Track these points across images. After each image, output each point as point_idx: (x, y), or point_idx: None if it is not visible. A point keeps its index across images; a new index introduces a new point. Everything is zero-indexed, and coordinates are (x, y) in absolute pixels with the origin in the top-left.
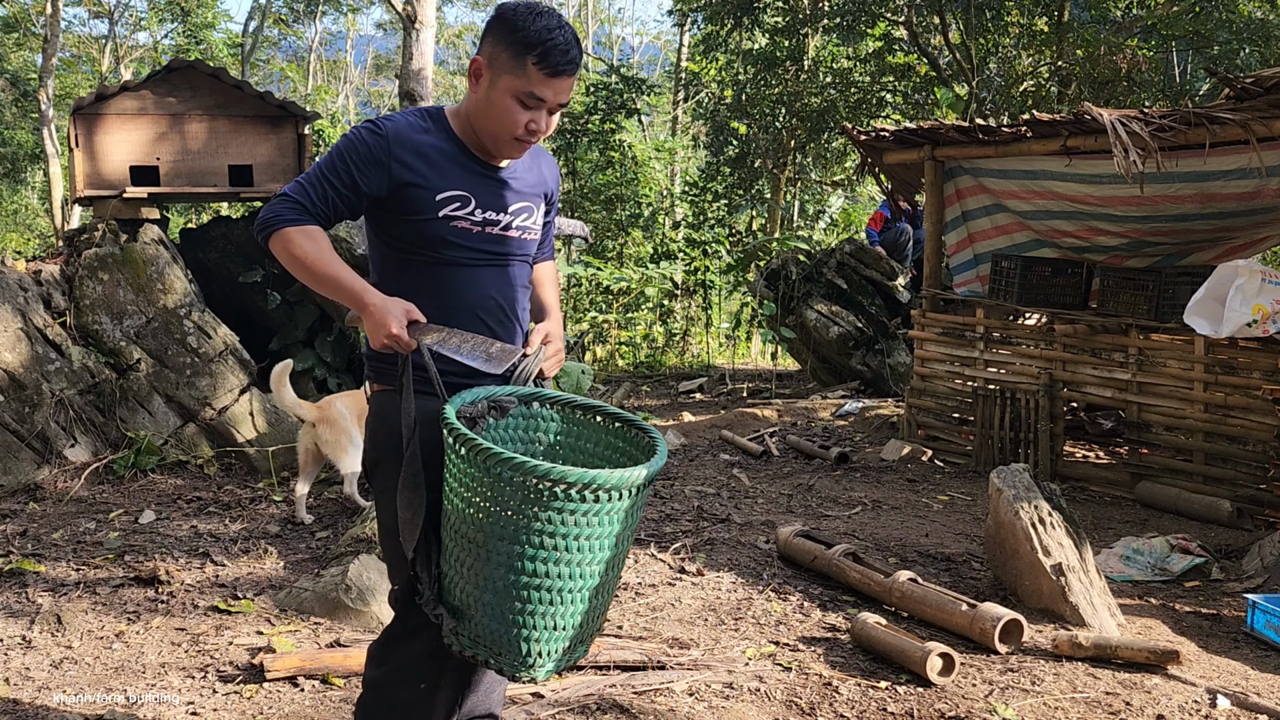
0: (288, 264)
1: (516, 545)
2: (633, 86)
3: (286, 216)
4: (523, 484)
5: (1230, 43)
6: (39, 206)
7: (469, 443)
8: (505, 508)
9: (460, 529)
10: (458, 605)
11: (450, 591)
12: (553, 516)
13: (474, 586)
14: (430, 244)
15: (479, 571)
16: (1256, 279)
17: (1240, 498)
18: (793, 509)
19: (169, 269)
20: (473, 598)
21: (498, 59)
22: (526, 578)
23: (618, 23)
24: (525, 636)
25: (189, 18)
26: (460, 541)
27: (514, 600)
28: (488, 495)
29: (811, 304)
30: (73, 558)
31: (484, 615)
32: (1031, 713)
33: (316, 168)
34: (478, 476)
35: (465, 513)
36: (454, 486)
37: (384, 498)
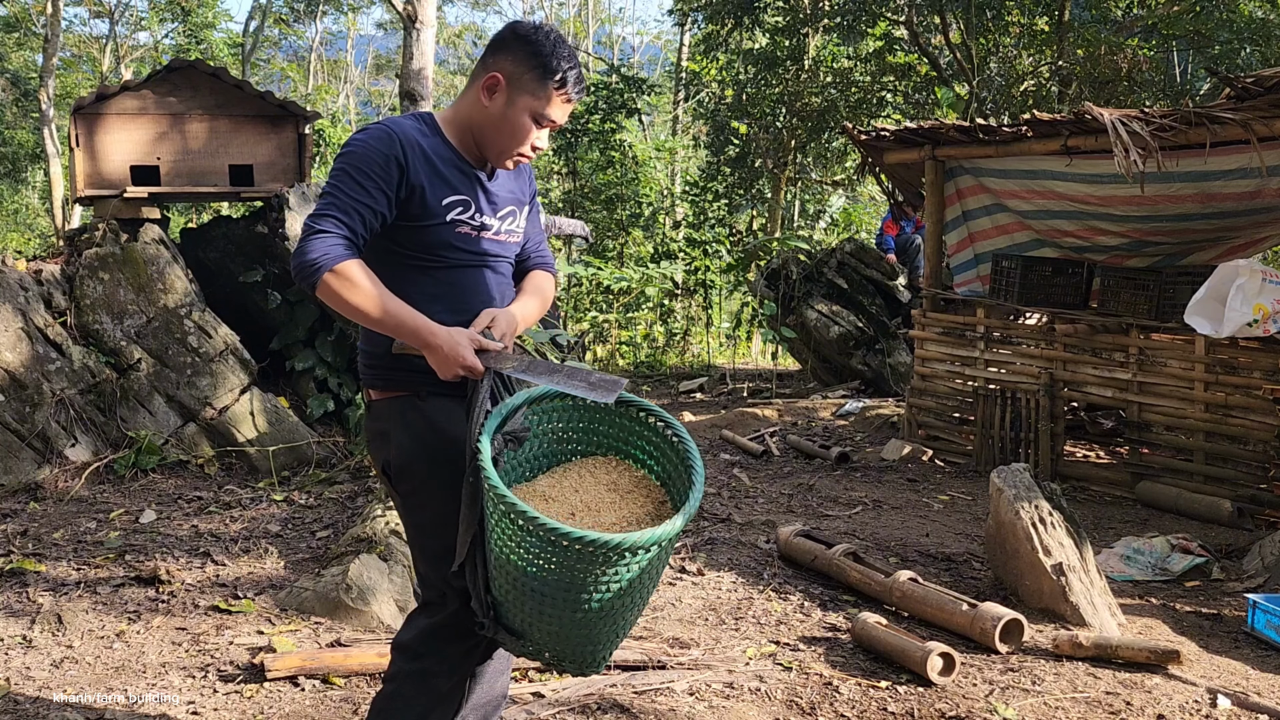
0: (341, 308)
1: (583, 593)
2: (633, 86)
3: (333, 255)
4: (590, 554)
5: (1231, 42)
6: (40, 206)
7: (530, 518)
8: (569, 570)
9: (518, 578)
10: (518, 628)
11: (509, 617)
12: (618, 571)
13: (535, 617)
14: (434, 248)
15: (541, 610)
16: (1257, 279)
17: (1241, 497)
18: (793, 509)
19: (169, 268)
20: (535, 625)
21: (520, 78)
22: (587, 614)
23: (618, 22)
24: (591, 650)
25: (189, 17)
26: (517, 586)
27: (578, 628)
28: (551, 559)
29: (812, 304)
30: (73, 557)
31: (549, 638)
32: (1032, 712)
33: (342, 190)
34: (539, 545)
35: (523, 569)
36: (511, 546)
37: (413, 500)
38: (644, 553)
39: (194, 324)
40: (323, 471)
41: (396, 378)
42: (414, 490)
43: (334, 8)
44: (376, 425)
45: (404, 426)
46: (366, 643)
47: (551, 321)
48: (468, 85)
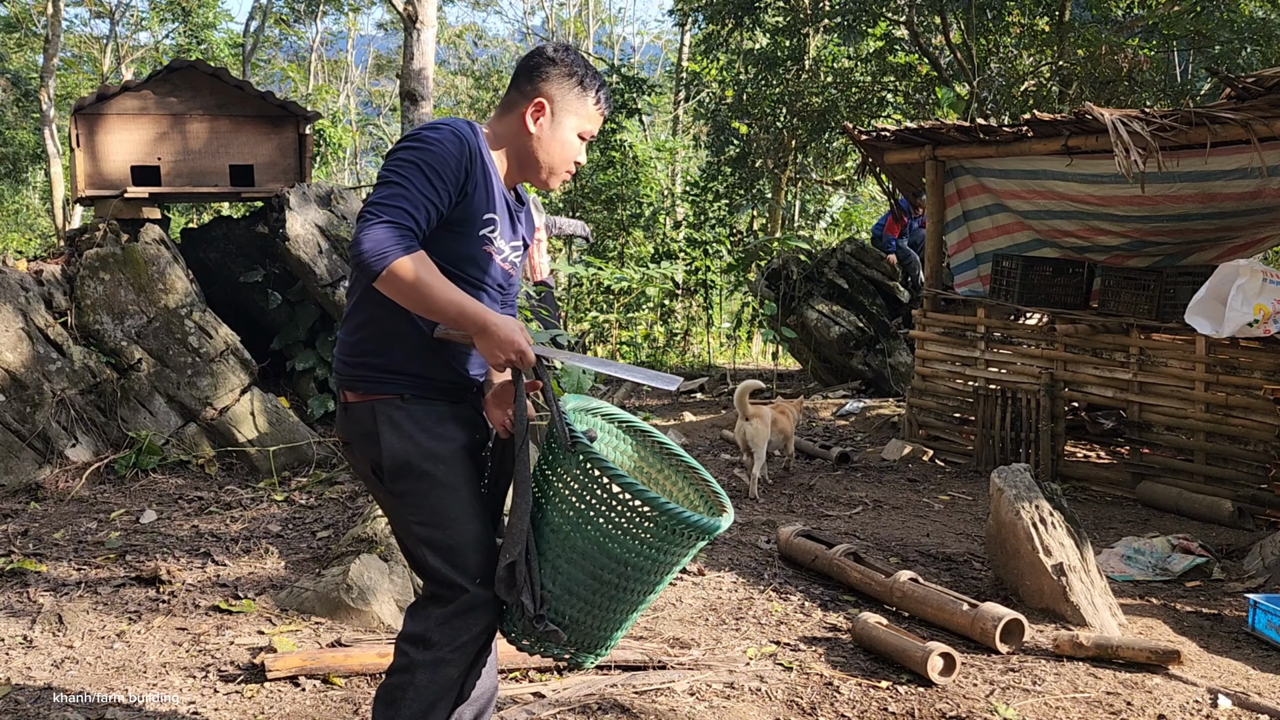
0: (403, 296)
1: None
2: (634, 86)
3: (401, 245)
4: (681, 531)
5: (1231, 42)
6: (40, 206)
7: (660, 505)
8: (665, 553)
9: (597, 561)
10: (565, 621)
11: (559, 610)
12: (687, 553)
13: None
14: (457, 261)
15: (605, 595)
16: (1258, 279)
17: (1241, 497)
18: (794, 509)
19: (170, 269)
20: (585, 614)
21: (564, 98)
22: (642, 598)
23: (619, 22)
24: (615, 637)
25: (190, 18)
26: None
27: (625, 613)
28: (655, 545)
29: (812, 304)
30: (74, 557)
31: (595, 627)
32: (1033, 712)
33: (413, 184)
34: (646, 527)
35: (622, 555)
36: (612, 534)
37: (413, 499)
38: (698, 540)
39: (194, 324)
40: (323, 472)
41: (381, 379)
42: (411, 490)
43: (334, 8)
44: (357, 428)
45: (392, 428)
46: (367, 643)
47: (552, 322)
48: (504, 113)
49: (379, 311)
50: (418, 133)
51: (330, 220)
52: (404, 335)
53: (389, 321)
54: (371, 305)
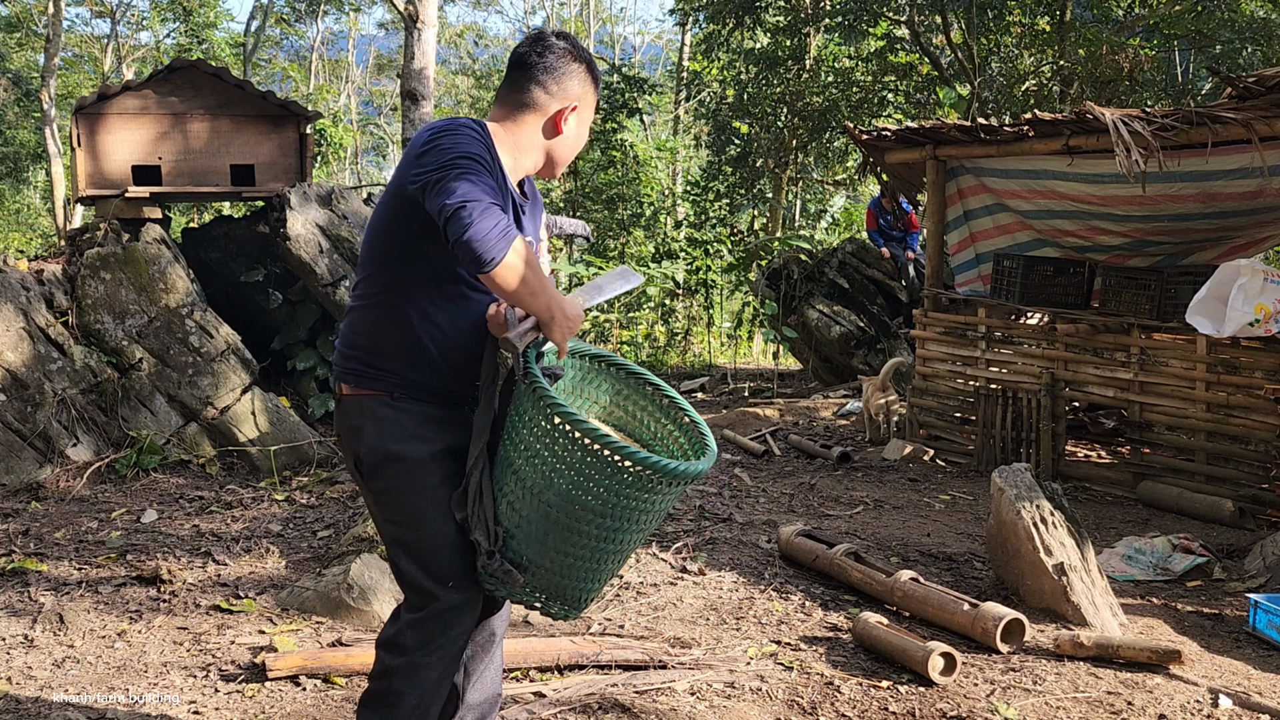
0: (506, 285)
1: (614, 521)
2: (634, 86)
3: (510, 235)
4: (637, 473)
5: (1232, 42)
6: (41, 206)
7: (594, 433)
8: (617, 494)
9: (556, 505)
10: (523, 562)
11: (515, 550)
12: (647, 497)
13: (554, 551)
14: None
15: (558, 537)
16: (1259, 278)
17: (1242, 497)
18: (794, 508)
19: (171, 268)
20: (545, 557)
21: (587, 97)
22: (612, 546)
23: (619, 22)
24: (586, 588)
25: (191, 17)
26: (549, 514)
27: (591, 562)
28: (602, 483)
29: (813, 303)
30: (75, 557)
31: (556, 573)
32: (1033, 712)
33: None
34: (598, 468)
35: (570, 493)
36: (553, 466)
37: (387, 497)
38: (677, 486)
39: (195, 324)
40: (324, 471)
41: (374, 375)
42: (387, 488)
43: (335, 7)
44: (346, 420)
45: (376, 424)
46: (368, 642)
47: None
48: (520, 110)
49: (384, 312)
50: (447, 130)
51: (331, 220)
52: (405, 340)
53: (393, 324)
54: (378, 305)
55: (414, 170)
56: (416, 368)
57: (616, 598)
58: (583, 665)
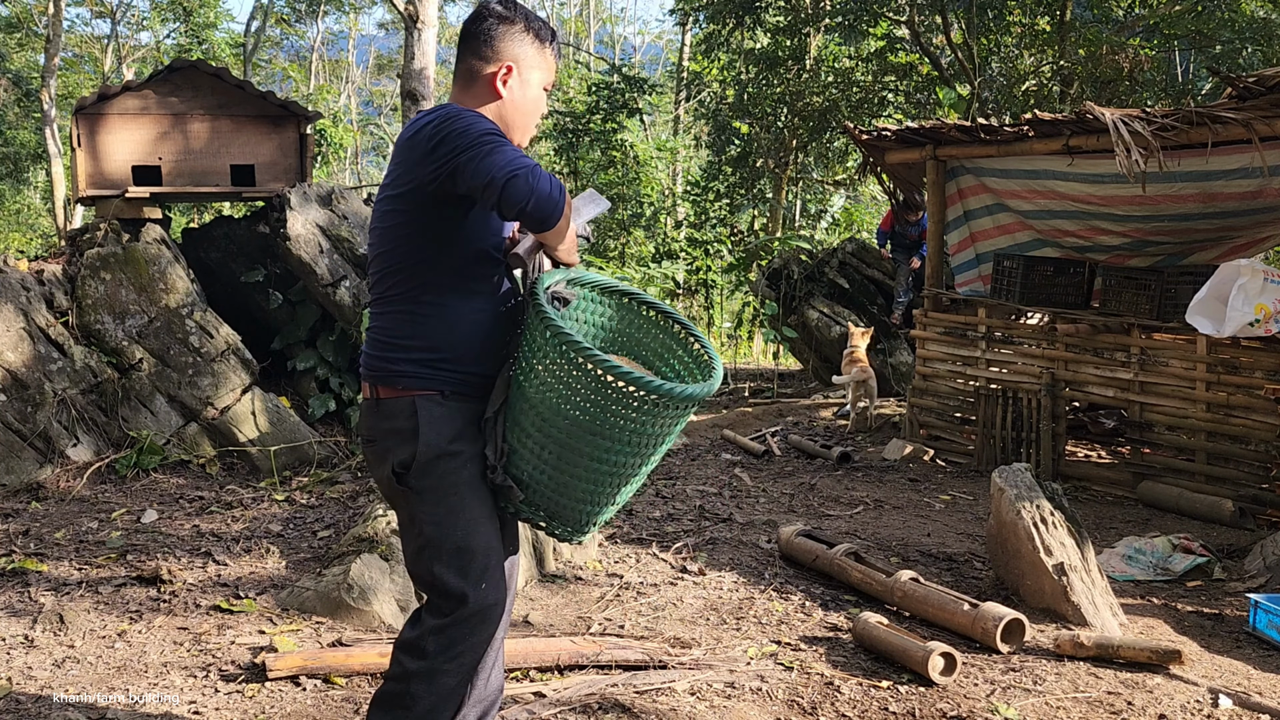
0: (568, 229)
1: (605, 440)
2: (634, 86)
3: (560, 186)
4: (632, 394)
5: (1232, 42)
6: (41, 206)
7: (587, 353)
8: (607, 411)
9: (547, 420)
10: (524, 479)
11: (520, 466)
12: (646, 420)
13: (548, 467)
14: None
15: (560, 456)
16: (1259, 278)
17: (1242, 497)
18: (794, 508)
19: (171, 268)
20: (546, 475)
21: (527, 56)
22: (606, 467)
23: (619, 22)
24: (588, 512)
25: (191, 17)
26: (544, 428)
27: (587, 483)
28: (590, 399)
29: (813, 303)
30: (75, 557)
31: (554, 491)
32: (1033, 712)
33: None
34: (585, 382)
35: (559, 407)
36: (551, 384)
37: (432, 495)
38: (673, 411)
39: (195, 324)
40: (324, 471)
41: (424, 374)
42: (435, 486)
43: (335, 8)
44: (389, 424)
45: (430, 423)
46: (368, 642)
47: None
48: (468, 83)
49: (431, 309)
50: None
51: (331, 220)
52: (460, 332)
53: (443, 319)
54: (420, 303)
55: (433, 163)
56: (478, 359)
57: (617, 598)
58: (583, 665)
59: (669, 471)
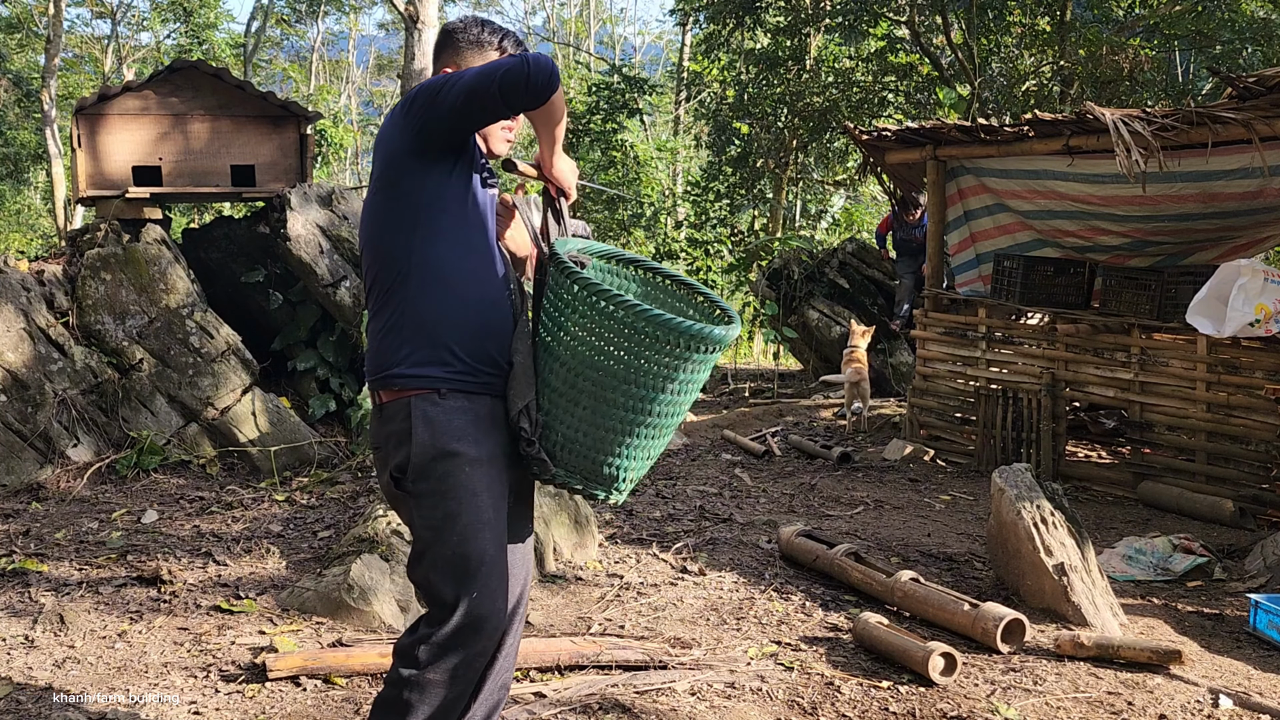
0: (561, 100)
1: (639, 389)
2: (634, 86)
3: (548, 57)
4: (664, 338)
5: (1233, 42)
6: (42, 207)
7: (619, 300)
8: (639, 357)
9: (582, 374)
10: (559, 441)
11: (552, 429)
12: (677, 364)
13: (585, 424)
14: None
15: (595, 411)
16: (1259, 278)
17: (1243, 497)
18: (795, 509)
19: (171, 269)
20: (581, 433)
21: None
22: (641, 416)
23: (620, 22)
24: (623, 466)
25: (191, 18)
26: (577, 384)
27: (622, 435)
28: (624, 346)
29: (813, 303)
30: (75, 557)
31: (590, 449)
32: (1034, 712)
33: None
34: (618, 330)
35: (593, 360)
36: (584, 339)
37: (430, 499)
38: (701, 354)
39: (196, 324)
40: (324, 471)
41: (416, 374)
42: (432, 490)
43: (336, 8)
44: (389, 427)
45: (426, 423)
46: (368, 643)
47: None
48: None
49: (413, 301)
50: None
51: (331, 220)
52: (451, 320)
53: (424, 308)
54: (403, 298)
55: (409, 123)
56: (465, 342)
57: (617, 598)
58: (583, 665)
59: (669, 472)
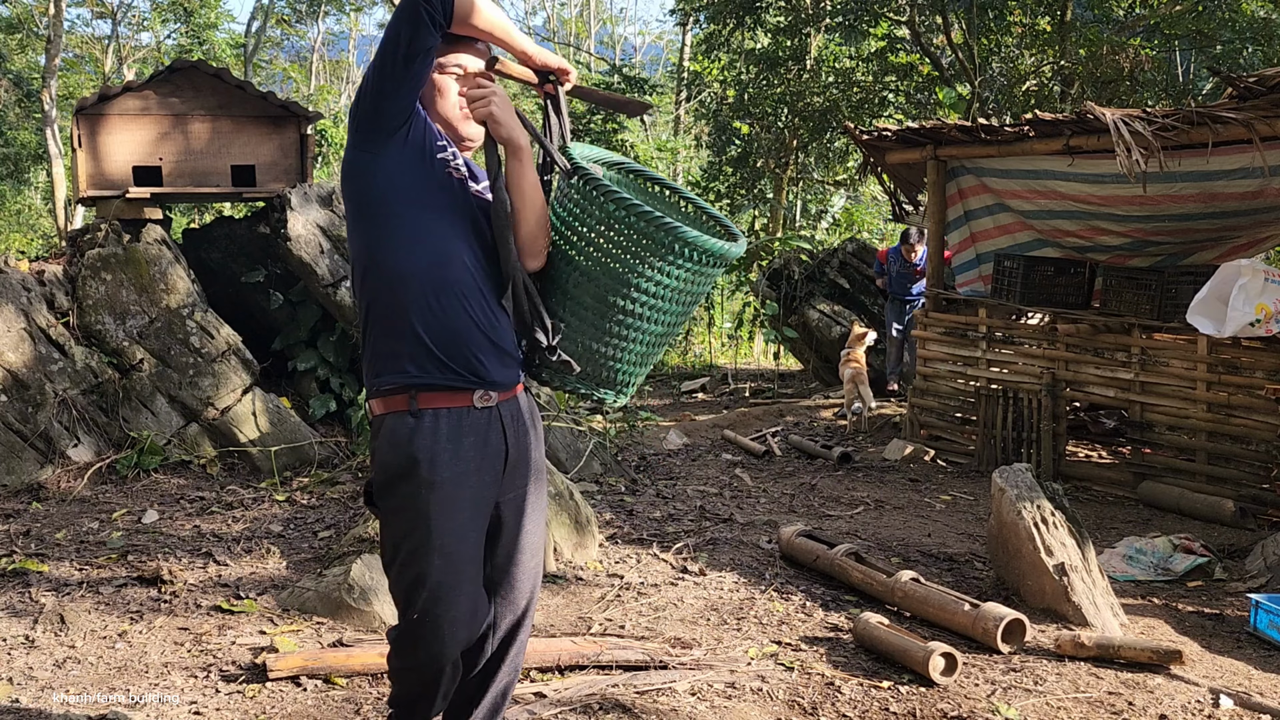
0: (485, 6)
1: (642, 294)
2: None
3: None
4: (687, 252)
5: (1233, 42)
6: (42, 207)
7: (636, 209)
8: (645, 263)
9: (608, 286)
10: (579, 351)
11: (571, 340)
12: (695, 277)
13: (613, 335)
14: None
15: (600, 315)
16: (1260, 278)
17: (1243, 497)
18: (795, 509)
19: (172, 269)
20: (602, 343)
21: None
22: (655, 325)
23: (620, 22)
24: (635, 373)
25: (192, 18)
26: (603, 296)
27: (640, 345)
28: (636, 253)
29: (814, 304)
30: (76, 557)
31: (609, 359)
32: (1034, 712)
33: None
34: (631, 235)
35: (618, 272)
36: (609, 250)
37: (387, 516)
38: (715, 268)
39: (196, 324)
40: (325, 471)
41: (391, 381)
42: (393, 507)
43: (336, 8)
44: (372, 443)
45: (391, 443)
46: (369, 643)
47: None
48: None
49: (379, 296)
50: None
51: (332, 220)
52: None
53: (393, 307)
54: (371, 292)
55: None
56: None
57: (617, 598)
58: (583, 665)
59: (669, 472)
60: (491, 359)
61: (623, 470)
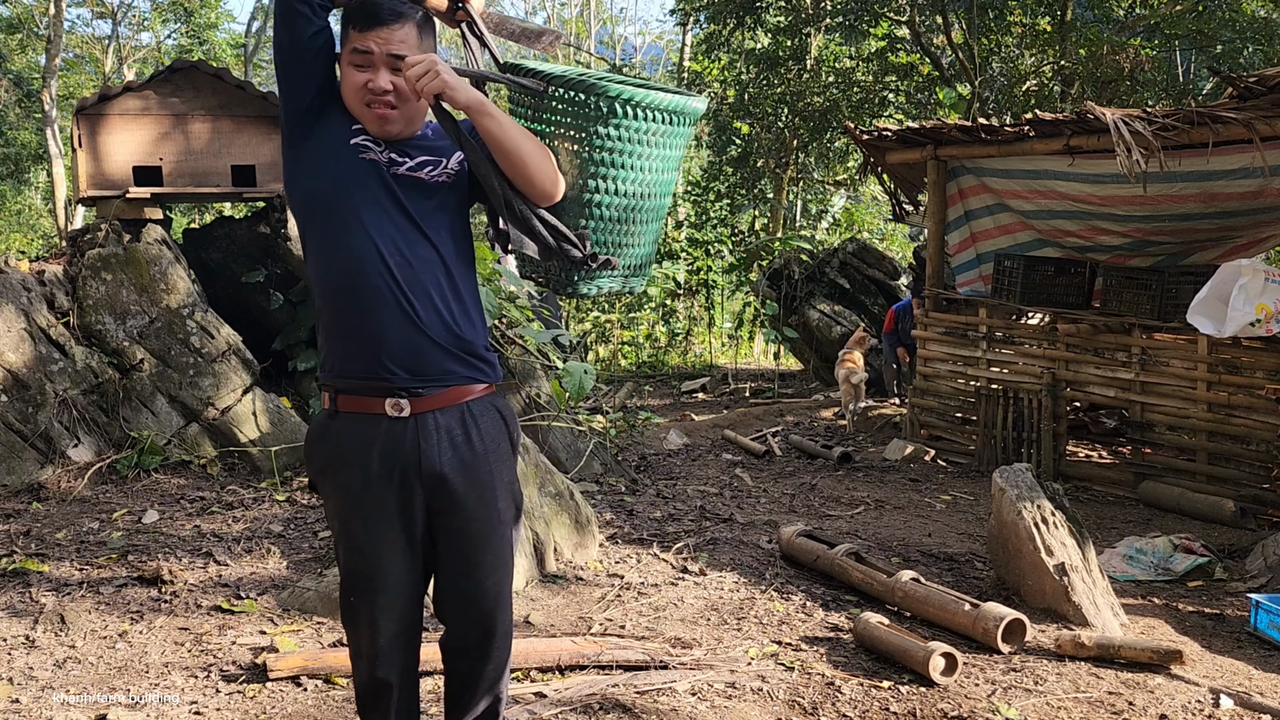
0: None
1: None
2: None
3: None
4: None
5: (1233, 42)
6: (43, 207)
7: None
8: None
9: (588, 171)
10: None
11: (601, 242)
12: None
13: (638, 225)
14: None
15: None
16: (1260, 278)
17: (1244, 497)
18: (795, 509)
19: (172, 269)
20: (621, 233)
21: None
22: (659, 203)
23: (620, 22)
24: (648, 255)
25: (192, 18)
26: (588, 184)
27: (641, 224)
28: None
29: (814, 303)
30: (76, 557)
31: (630, 242)
32: (1034, 712)
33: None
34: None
35: (591, 156)
36: (573, 136)
37: (325, 506)
38: (689, 127)
39: (196, 324)
40: None
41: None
42: (325, 504)
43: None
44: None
45: (310, 442)
46: None
47: (554, 322)
48: None
49: (315, 297)
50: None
51: None
52: (323, 317)
53: (320, 306)
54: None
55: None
56: (333, 344)
57: (618, 598)
58: (583, 665)
59: (669, 472)
60: (408, 366)
61: (623, 470)
